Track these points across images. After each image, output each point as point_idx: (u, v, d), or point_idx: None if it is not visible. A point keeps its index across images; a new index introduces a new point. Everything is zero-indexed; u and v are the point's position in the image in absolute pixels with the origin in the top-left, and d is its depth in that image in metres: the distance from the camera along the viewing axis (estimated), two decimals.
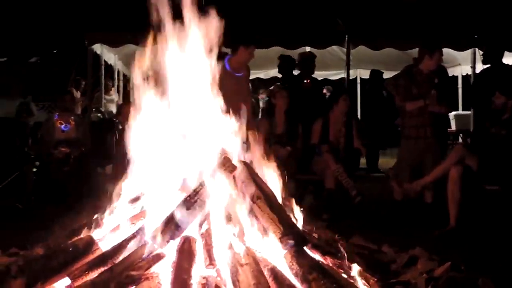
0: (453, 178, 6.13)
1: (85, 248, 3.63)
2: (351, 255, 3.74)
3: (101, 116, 11.73)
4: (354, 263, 3.61)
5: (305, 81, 9.31)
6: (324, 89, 13.39)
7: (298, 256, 3.31)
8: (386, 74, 12.12)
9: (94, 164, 8.57)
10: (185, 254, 3.26)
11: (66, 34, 17.22)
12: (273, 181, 4.07)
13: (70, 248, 3.64)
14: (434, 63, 7.11)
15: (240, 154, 4.00)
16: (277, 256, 3.39)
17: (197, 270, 3.21)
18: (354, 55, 11.05)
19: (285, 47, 10.40)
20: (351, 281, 3.43)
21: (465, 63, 12.46)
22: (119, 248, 3.51)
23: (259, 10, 10.77)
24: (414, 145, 7.11)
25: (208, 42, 4.06)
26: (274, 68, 11.13)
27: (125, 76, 14.09)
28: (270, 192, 3.79)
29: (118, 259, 3.41)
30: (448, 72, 9.13)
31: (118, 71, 13.47)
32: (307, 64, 9.39)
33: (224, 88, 4.19)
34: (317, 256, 3.63)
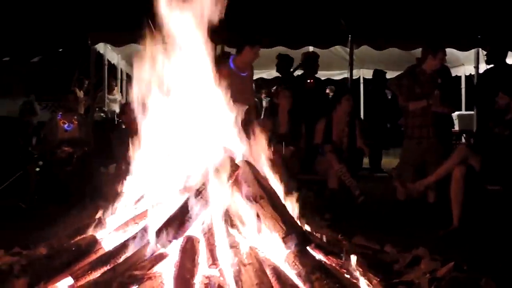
0: (456, 178, 6.12)
1: (88, 247, 3.64)
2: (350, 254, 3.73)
3: (104, 116, 11.75)
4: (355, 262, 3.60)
5: (308, 81, 9.31)
6: (327, 89, 13.40)
7: (301, 256, 3.31)
8: (389, 74, 12.10)
9: (97, 163, 8.56)
10: (188, 253, 3.26)
11: (69, 33, 17.23)
12: (276, 181, 4.07)
13: (73, 248, 3.65)
14: (437, 63, 7.10)
15: (243, 153, 4.00)
16: (280, 256, 3.39)
17: (200, 269, 3.21)
18: (357, 55, 11.06)
19: (288, 47, 10.40)
20: (353, 281, 3.43)
21: (469, 63, 12.46)
22: (121, 248, 3.51)
23: (262, 10, 10.77)
24: (417, 145, 7.09)
25: (211, 40, 4.07)
26: None
27: (128, 75, 14.10)
28: (273, 191, 3.79)
29: (120, 259, 3.41)
30: (451, 72, 9.11)
31: (121, 70, 13.49)
32: (310, 64, 9.39)
33: (229, 87, 4.19)
34: (320, 256, 3.62)
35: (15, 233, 5.49)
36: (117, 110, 12.06)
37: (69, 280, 3.30)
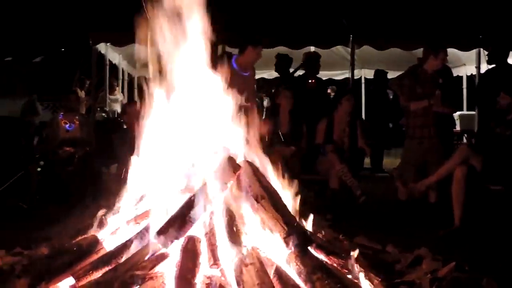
0: (457, 178, 6.12)
1: (89, 247, 3.64)
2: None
3: (106, 116, 11.74)
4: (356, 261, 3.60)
5: (310, 81, 9.30)
6: (329, 89, 13.39)
7: (303, 256, 3.31)
8: (391, 74, 12.11)
9: (99, 164, 8.56)
10: (189, 253, 3.26)
11: (70, 33, 17.25)
12: (277, 181, 4.07)
13: (74, 248, 3.65)
14: (438, 63, 7.11)
15: (245, 153, 4.00)
16: (281, 256, 3.39)
17: (201, 269, 3.20)
18: (358, 55, 11.06)
19: (290, 47, 10.41)
20: (355, 281, 3.43)
21: (470, 63, 12.45)
22: (123, 248, 3.51)
23: (264, 10, 10.77)
24: (418, 145, 7.09)
25: (213, 39, 4.07)
26: None
27: (129, 75, 14.10)
28: (275, 191, 3.78)
29: (122, 259, 3.41)
30: (452, 72, 9.11)
31: (122, 70, 13.49)
32: (312, 64, 9.39)
33: (231, 87, 4.20)
34: (321, 256, 3.62)
35: (16, 233, 5.50)
36: (119, 110, 12.07)
37: (70, 280, 3.30)
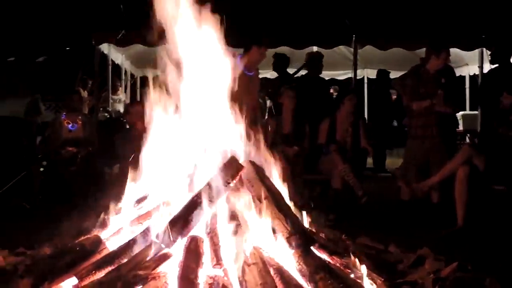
0: (460, 178, 6.11)
1: (92, 247, 3.64)
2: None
3: (108, 116, 11.74)
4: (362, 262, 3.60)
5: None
6: (331, 89, 13.39)
7: (305, 256, 3.30)
8: (393, 74, 12.11)
9: (101, 164, 8.57)
10: (192, 253, 3.26)
11: (73, 33, 17.25)
12: (280, 181, 4.07)
13: (77, 248, 3.65)
14: (441, 63, 7.10)
15: (247, 153, 4.00)
16: (284, 256, 3.39)
17: (204, 269, 3.21)
18: (361, 55, 11.04)
19: (293, 47, 10.42)
20: (358, 281, 3.42)
21: (473, 63, 12.43)
22: (126, 248, 3.51)
23: (267, 10, 10.77)
24: (420, 144, 7.09)
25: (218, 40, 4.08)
26: None
27: (132, 75, 14.10)
28: (277, 191, 3.79)
29: (125, 259, 3.41)
30: (455, 72, 9.10)
31: (125, 70, 13.49)
32: (314, 64, 9.40)
33: (238, 87, 4.21)
34: (324, 256, 3.62)
35: (19, 233, 5.51)
36: (121, 110, 12.07)
37: (73, 280, 3.30)
